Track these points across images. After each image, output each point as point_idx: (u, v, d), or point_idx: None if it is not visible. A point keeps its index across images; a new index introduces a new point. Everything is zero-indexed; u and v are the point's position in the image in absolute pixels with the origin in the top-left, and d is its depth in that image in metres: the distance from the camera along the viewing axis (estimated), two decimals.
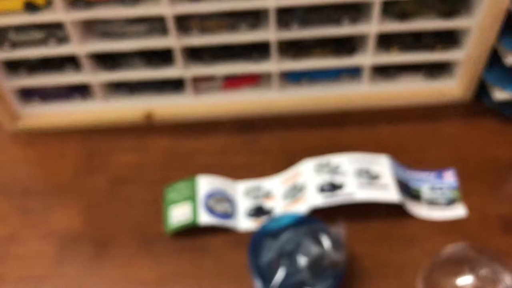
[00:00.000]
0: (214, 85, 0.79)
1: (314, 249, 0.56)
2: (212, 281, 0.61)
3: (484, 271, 0.54)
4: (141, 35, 0.71)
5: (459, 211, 0.65)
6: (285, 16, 0.69)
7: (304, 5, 0.68)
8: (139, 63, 0.75)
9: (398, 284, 0.59)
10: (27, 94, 0.80)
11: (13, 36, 0.70)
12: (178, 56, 0.72)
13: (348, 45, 0.74)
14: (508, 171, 0.69)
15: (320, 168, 0.67)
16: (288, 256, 0.56)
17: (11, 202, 0.71)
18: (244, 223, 0.66)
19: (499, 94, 0.72)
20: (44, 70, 0.76)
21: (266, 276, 0.56)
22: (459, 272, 0.55)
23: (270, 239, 0.58)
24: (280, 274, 0.55)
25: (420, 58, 0.75)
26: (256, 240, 0.59)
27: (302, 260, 0.55)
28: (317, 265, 0.55)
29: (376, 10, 0.67)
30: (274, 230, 0.59)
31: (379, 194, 0.63)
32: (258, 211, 0.67)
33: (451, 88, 0.78)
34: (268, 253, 0.57)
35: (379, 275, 0.60)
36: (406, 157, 0.71)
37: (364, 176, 0.65)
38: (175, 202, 0.67)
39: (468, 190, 0.67)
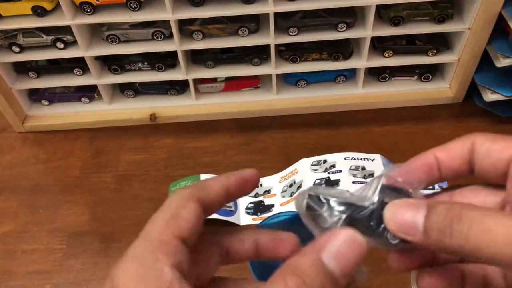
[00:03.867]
0: (216, 88, 0.80)
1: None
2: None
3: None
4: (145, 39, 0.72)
5: None
6: (284, 21, 0.71)
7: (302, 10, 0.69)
8: (144, 66, 0.76)
9: (394, 277, 0.60)
10: (36, 96, 0.81)
11: (21, 39, 0.72)
12: (181, 60, 0.74)
13: (345, 50, 0.75)
14: None
15: (316, 166, 0.69)
16: None
17: (20, 200, 0.72)
18: (245, 219, 0.67)
19: (490, 95, 0.73)
20: (52, 73, 0.77)
21: (264, 272, 0.57)
22: None
23: None
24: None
25: (414, 62, 0.76)
26: None
27: None
28: None
29: (371, 15, 0.68)
30: (274, 226, 0.60)
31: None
32: (258, 208, 0.68)
33: (443, 89, 0.79)
34: None
35: (376, 271, 0.59)
36: (399, 157, 0.69)
37: (359, 174, 0.66)
38: None
39: None
